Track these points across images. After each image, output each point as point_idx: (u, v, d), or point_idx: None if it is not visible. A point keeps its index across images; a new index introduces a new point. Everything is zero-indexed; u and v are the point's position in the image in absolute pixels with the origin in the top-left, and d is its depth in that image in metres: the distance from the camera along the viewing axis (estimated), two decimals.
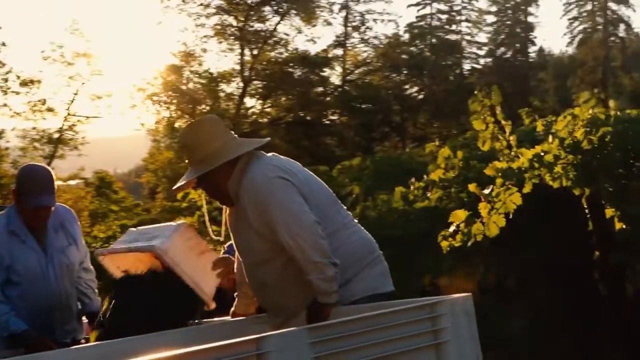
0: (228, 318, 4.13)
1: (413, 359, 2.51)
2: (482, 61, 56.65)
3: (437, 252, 6.24)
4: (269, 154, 3.77)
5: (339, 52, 48.75)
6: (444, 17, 55.84)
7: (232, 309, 4.12)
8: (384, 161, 8.65)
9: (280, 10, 41.76)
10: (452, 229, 4.86)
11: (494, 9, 56.28)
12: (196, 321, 4.22)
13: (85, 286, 4.74)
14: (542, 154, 4.26)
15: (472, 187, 4.76)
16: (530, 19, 55.56)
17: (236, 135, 3.78)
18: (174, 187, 3.95)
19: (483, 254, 6.09)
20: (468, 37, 56.49)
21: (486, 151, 8.72)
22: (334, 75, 47.27)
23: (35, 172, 4.36)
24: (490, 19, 56.72)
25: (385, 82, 50.35)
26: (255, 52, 41.62)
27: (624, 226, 4.16)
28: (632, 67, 53.38)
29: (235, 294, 4.13)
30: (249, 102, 43.37)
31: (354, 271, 3.56)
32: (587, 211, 4.28)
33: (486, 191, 4.56)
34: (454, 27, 56.15)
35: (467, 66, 56.47)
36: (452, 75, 53.37)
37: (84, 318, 4.81)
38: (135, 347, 3.27)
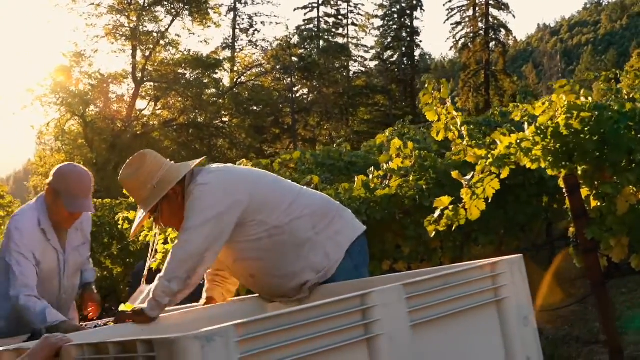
0: None
1: (478, 315, 2.75)
2: (369, 64, 57.84)
3: (396, 238, 6.52)
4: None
5: (227, 54, 48.79)
6: (330, 20, 56.74)
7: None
8: (324, 154, 8.91)
9: (173, 10, 41.46)
10: (437, 214, 5.13)
11: (380, 13, 57.50)
12: None
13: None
14: (519, 140, 4.58)
15: (454, 174, 5.04)
16: (415, 23, 57.05)
17: (172, 162, 3.84)
18: (132, 233, 3.95)
19: (440, 239, 6.40)
20: (355, 41, 57.54)
21: (422, 142, 9.13)
22: (226, 78, 47.30)
23: (82, 175, 4.23)
24: (377, 22, 57.95)
25: (276, 85, 50.69)
26: (147, 53, 41.14)
27: (598, 204, 4.53)
28: (512, 71, 55.53)
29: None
30: (141, 104, 42.87)
31: (331, 217, 3.77)
32: (564, 191, 4.64)
33: (467, 177, 4.86)
34: (340, 30, 57.11)
35: (354, 69, 57.54)
36: (340, 77, 54.16)
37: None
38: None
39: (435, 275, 2.64)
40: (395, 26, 57.32)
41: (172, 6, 41.37)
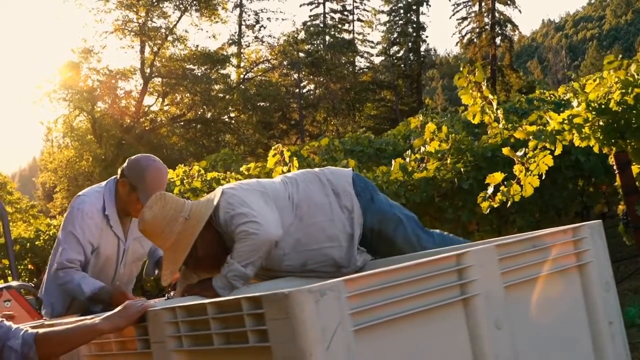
0: None
1: (562, 279, 2.75)
2: (375, 60, 57.80)
3: (433, 221, 6.52)
4: None
5: (234, 50, 48.75)
6: (336, 16, 56.71)
7: None
8: (353, 141, 8.91)
9: (181, 6, 41.47)
10: (490, 190, 5.13)
11: (386, 8, 57.43)
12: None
13: None
14: (571, 117, 4.57)
15: (505, 150, 5.04)
16: (421, 18, 57.00)
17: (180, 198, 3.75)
18: (164, 281, 3.59)
19: (477, 222, 6.41)
20: (361, 37, 57.50)
21: (451, 128, 9.10)
22: (233, 73, 47.28)
23: (159, 170, 4.14)
24: (383, 18, 57.90)
25: (283, 80, 50.65)
26: (155, 49, 41.15)
27: None
28: (516, 66, 55.41)
29: None
30: (149, 100, 42.89)
31: (323, 177, 3.85)
32: (615, 168, 4.63)
33: (519, 153, 4.85)
34: (346, 26, 57.06)
35: (360, 64, 57.50)
36: (346, 73, 54.12)
37: None
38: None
39: (523, 238, 2.64)
40: (401, 22, 57.26)
41: (180, 1, 41.39)
